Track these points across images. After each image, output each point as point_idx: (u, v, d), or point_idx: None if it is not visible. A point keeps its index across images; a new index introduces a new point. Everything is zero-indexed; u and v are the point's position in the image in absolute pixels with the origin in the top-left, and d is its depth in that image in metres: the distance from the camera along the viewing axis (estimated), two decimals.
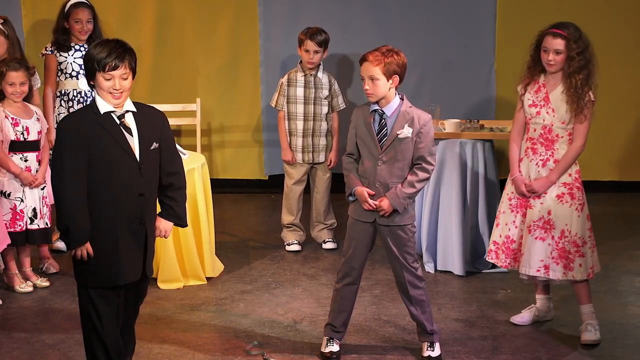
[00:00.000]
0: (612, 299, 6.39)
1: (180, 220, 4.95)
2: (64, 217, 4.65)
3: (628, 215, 8.08)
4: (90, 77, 4.66)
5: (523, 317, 6.04)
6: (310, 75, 7.26)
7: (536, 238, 5.72)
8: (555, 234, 5.69)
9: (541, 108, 5.71)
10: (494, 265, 6.86)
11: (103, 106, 4.66)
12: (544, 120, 5.70)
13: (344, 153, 5.54)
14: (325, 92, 7.28)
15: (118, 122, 4.68)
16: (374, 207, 5.36)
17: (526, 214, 5.77)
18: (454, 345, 5.73)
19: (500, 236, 5.89)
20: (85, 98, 7.21)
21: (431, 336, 5.56)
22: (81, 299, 4.84)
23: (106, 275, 4.75)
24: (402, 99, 5.38)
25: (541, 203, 5.72)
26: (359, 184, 5.41)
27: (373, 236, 5.49)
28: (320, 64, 7.27)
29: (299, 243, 7.40)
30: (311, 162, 7.34)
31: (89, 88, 7.19)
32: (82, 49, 7.23)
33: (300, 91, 7.27)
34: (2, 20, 6.79)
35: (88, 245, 4.69)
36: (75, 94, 7.21)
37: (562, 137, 5.69)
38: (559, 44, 5.61)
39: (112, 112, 4.67)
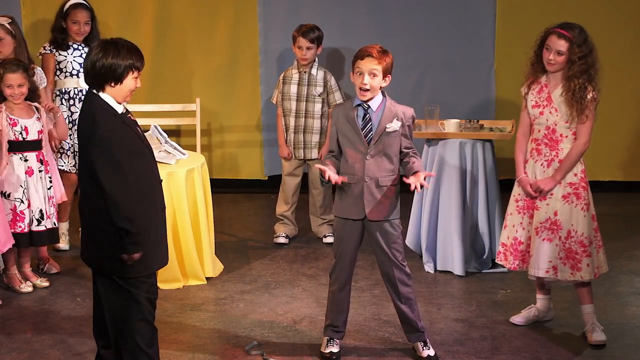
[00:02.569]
0: (611, 299, 6.39)
1: None
2: (131, 222, 4.68)
3: (628, 216, 8.08)
4: (116, 81, 4.75)
5: (523, 317, 6.03)
6: (304, 72, 7.30)
7: (543, 239, 5.71)
8: (562, 235, 5.68)
9: (544, 108, 5.71)
10: (493, 265, 6.86)
11: (118, 107, 4.79)
12: (547, 120, 5.70)
13: None
14: (320, 89, 7.31)
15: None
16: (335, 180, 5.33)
17: (533, 215, 5.76)
18: (453, 345, 5.73)
19: (508, 238, 5.88)
20: None
21: (422, 334, 5.56)
22: (129, 292, 4.81)
23: (155, 260, 4.86)
24: (384, 94, 5.41)
25: (547, 204, 5.71)
26: (329, 166, 5.38)
27: (362, 234, 5.50)
28: (315, 60, 7.31)
29: (286, 236, 7.47)
30: (302, 158, 7.38)
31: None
32: (80, 47, 7.21)
33: (293, 88, 7.33)
34: (9, 20, 6.78)
35: None
36: (76, 92, 7.20)
37: (567, 136, 5.68)
38: (562, 45, 5.60)
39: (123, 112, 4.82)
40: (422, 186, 5.28)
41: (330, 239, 7.43)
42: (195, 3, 8.45)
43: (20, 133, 6.45)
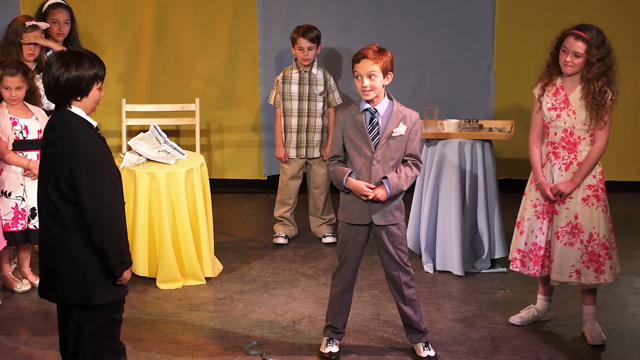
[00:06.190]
0: (611, 299, 6.38)
1: None
2: (121, 239, 4.53)
3: (627, 216, 8.07)
4: (82, 94, 4.50)
5: (522, 317, 6.03)
6: (305, 72, 7.33)
7: (565, 244, 5.66)
8: (584, 238, 5.63)
9: (561, 111, 5.65)
10: (492, 265, 6.86)
11: (92, 121, 4.57)
12: (565, 123, 5.64)
13: None
14: (320, 88, 7.34)
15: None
16: (373, 194, 5.33)
17: (552, 219, 5.71)
18: (452, 345, 5.73)
19: (526, 244, 5.79)
20: None
21: (425, 335, 5.56)
22: (94, 322, 4.59)
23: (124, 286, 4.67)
24: (390, 98, 5.39)
25: (567, 208, 5.66)
26: (348, 173, 5.37)
27: (367, 237, 5.50)
28: (314, 60, 7.33)
29: (286, 237, 7.48)
30: (304, 157, 7.39)
31: None
32: None
33: (294, 88, 7.34)
34: (47, 26, 6.84)
35: None
36: None
37: (584, 138, 5.63)
38: (579, 47, 5.54)
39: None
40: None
41: (329, 239, 7.43)
42: (194, 3, 8.44)
43: (21, 132, 6.45)
